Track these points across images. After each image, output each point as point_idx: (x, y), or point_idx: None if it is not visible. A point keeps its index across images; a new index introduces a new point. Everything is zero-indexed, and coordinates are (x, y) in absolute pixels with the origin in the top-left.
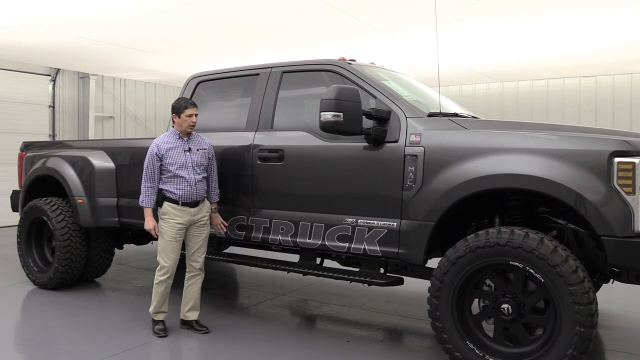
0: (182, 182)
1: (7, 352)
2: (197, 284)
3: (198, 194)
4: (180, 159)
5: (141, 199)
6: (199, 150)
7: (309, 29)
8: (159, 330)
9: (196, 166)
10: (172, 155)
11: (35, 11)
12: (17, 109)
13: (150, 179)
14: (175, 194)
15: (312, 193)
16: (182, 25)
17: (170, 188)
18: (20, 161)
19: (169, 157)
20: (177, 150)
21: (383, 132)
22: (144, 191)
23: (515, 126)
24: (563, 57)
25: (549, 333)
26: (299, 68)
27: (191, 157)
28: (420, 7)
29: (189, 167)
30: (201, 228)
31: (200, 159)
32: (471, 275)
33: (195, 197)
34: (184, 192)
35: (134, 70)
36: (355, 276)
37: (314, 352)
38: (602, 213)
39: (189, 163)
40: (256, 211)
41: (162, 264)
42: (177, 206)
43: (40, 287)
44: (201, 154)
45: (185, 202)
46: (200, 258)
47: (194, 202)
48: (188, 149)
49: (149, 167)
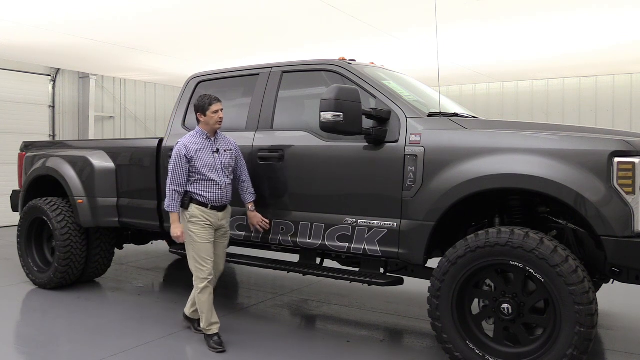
0: (213, 185)
1: (7, 352)
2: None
3: (227, 197)
4: (209, 161)
5: (167, 204)
6: (226, 151)
7: (309, 29)
8: (215, 344)
9: (225, 168)
10: (201, 157)
11: (36, 11)
12: (17, 109)
13: (177, 182)
14: (205, 197)
15: (312, 193)
16: (182, 25)
17: (198, 191)
18: (20, 161)
19: (199, 159)
20: (206, 152)
21: (383, 132)
22: (170, 195)
23: (515, 126)
24: (563, 57)
25: (549, 333)
26: (299, 68)
27: (220, 159)
28: (420, 7)
29: (218, 169)
30: (223, 236)
31: (228, 160)
32: (471, 275)
33: (224, 201)
34: (215, 196)
35: (134, 70)
36: (355, 276)
37: (314, 352)
38: (602, 213)
39: (218, 165)
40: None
41: (200, 269)
42: (206, 209)
43: (40, 287)
44: (228, 155)
45: (214, 205)
46: (220, 266)
47: (223, 205)
48: (216, 150)
49: (176, 170)
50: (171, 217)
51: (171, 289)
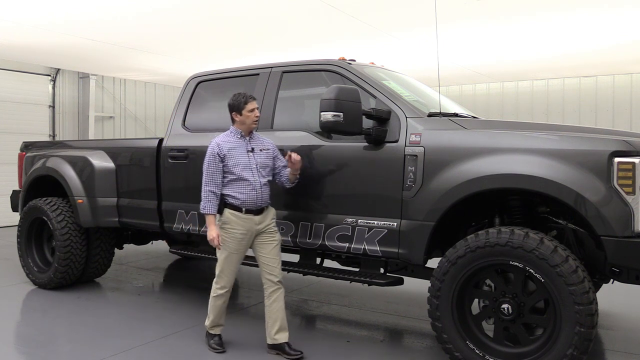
0: (246, 185)
1: (7, 352)
2: (279, 301)
3: (263, 199)
4: (243, 160)
5: (202, 206)
6: (262, 151)
7: (309, 29)
8: (215, 344)
9: (261, 168)
10: (234, 156)
11: (36, 11)
12: (17, 109)
13: (211, 182)
14: (238, 199)
15: (312, 193)
16: (182, 25)
17: (232, 192)
18: (20, 161)
19: (232, 158)
20: (239, 150)
21: (383, 132)
22: (205, 196)
23: (515, 126)
24: (563, 57)
25: (549, 333)
26: (299, 68)
27: (255, 158)
28: (420, 7)
29: (253, 168)
30: (271, 236)
31: (264, 160)
32: (471, 275)
33: (260, 203)
34: (248, 197)
35: (134, 70)
36: (355, 276)
37: (314, 352)
38: (602, 213)
39: (252, 164)
40: None
41: (219, 277)
42: (240, 214)
43: (40, 287)
44: (265, 154)
45: (249, 209)
46: (276, 269)
47: (259, 209)
48: (251, 149)
49: (209, 169)
50: (206, 220)
51: (171, 289)
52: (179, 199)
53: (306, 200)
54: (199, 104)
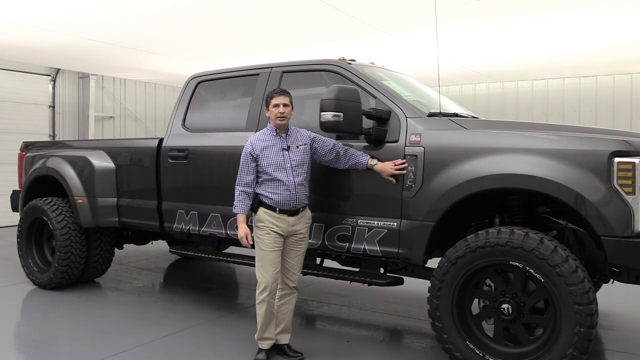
0: (280, 186)
1: (7, 352)
2: (290, 304)
3: (298, 199)
4: (277, 159)
5: (234, 205)
6: (299, 147)
7: (309, 29)
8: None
9: (296, 166)
10: (267, 155)
11: (36, 11)
12: (17, 109)
13: (243, 182)
14: (272, 199)
15: (312, 193)
16: (182, 25)
17: (265, 192)
18: (20, 161)
19: (265, 158)
20: (273, 149)
21: (383, 132)
22: (237, 195)
23: (515, 126)
24: (563, 57)
25: (549, 333)
26: (299, 68)
27: (290, 157)
28: (420, 7)
29: (287, 168)
30: (299, 243)
31: (301, 157)
32: (471, 275)
33: (294, 204)
34: (282, 198)
35: (134, 70)
36: (355, 276)
37: (314, 352)
38: (602, 213)
39: (287, 164)
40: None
41: (260, 280)
42: (274, 213)
43: (40, 287)
44: (302, 150)
45: (282, 209)
46: (295, 276)
47: (294, 209)
48: (286, 147)
49: (242, 169)
50: (237, 219)
51: (171, 289)
52: (179, 199)
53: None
54: (199, 104)
